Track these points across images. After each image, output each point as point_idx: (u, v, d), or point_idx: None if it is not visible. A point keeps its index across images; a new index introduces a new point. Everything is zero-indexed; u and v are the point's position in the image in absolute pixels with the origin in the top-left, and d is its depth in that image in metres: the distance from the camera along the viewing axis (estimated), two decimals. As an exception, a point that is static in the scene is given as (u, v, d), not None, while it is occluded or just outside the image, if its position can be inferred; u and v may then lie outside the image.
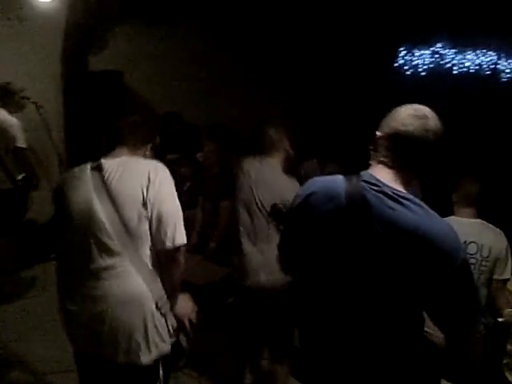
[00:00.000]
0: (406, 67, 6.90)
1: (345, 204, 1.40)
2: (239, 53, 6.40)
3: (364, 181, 1.41)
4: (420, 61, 6.89)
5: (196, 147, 4.19)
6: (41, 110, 4.23)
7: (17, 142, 3.83)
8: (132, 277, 1.80)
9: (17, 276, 4.14)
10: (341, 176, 1.47)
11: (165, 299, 1.87)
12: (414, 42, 6.78)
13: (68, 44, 5.13)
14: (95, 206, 1.77)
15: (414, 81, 6.85)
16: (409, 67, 6.89)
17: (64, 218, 1.86)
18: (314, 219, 1.48)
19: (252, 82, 6.56)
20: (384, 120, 1.47)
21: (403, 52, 6.85)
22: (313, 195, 1.50)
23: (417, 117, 1.39)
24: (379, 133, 1.47)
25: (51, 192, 1.99)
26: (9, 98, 3.96)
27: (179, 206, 1.85)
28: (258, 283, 2.55)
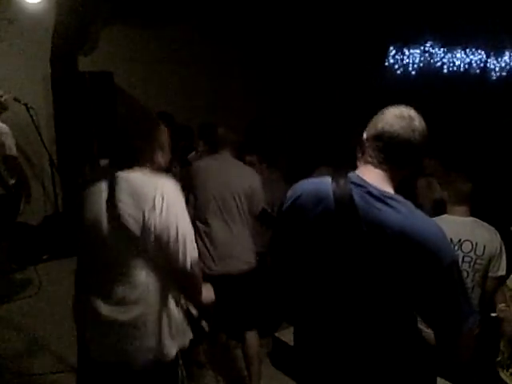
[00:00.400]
0: (397, 66, 6.93)
1: (333, 206, 1.42)
2: (233, 53, 6.40)
3: (351, 182, 1.43)
4: (410, 60, 6.93)
5: (188, 148, 4.20)
6: (31, 111, 4.21)
7: (8, 150, 3.82)
8: (145, 283, 1.79)
9: (10, 278, 4.13)
10: (328, 178, 1.49)
11: (180, 297, 1.90)
12: (404, 42, 6.81)
13: (58, 45, 5.10)
14: (104, 219, 1.79)
15: (405, 80, 6.89)
16: (399, 66, 6.93)
17: (81, 223, 1.88)
18: (303, 221, 1.49)
19: (245, 82, 6.57)
20: (370, 122, 1.49)
21: (393, 51, 6.88)
22: (301, 197, 1.51)
23: (403, 118, 1.42)
24: (366, 134, 1.49)
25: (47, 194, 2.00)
26: None
27: (189, 225, 1.83)
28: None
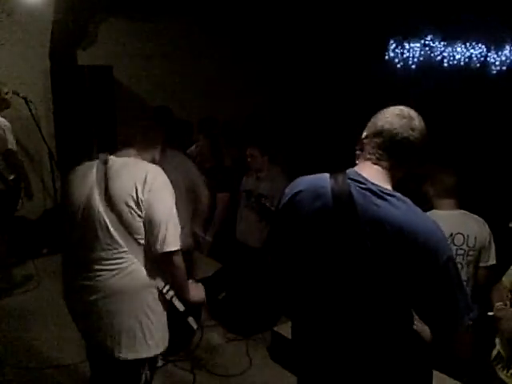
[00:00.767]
0: (397, 60, 6.91)
1: (331, 202, 1.42)
2: (232, 47, 6.38)
3: (350, 178, 1.44)
4: (410, 53, 6.91)
5: (187, 142, 4.19)
6: (30, 105, 4.20)
7: (8, 145, 3.82)
8: (131, 268, 1.83)
9: (9, 272, 4.14)
10: (327, 174, 1.50)
11: (168, 287, 1.91)
12: (405, 35, 6.79)
13: (57, 38, 5.07)
14: (95, 199, 1.82)
15: (405, 73, 6.87)
16: (399, 60, 6.91)
17: (68, 210, 1.90)
18: (302, 217, 1.50)
19: (244, 77, 6.55)
20: (370, 121, 1.51)
21: (393, 45, 6.86)
22: (300, 194, 1.51)
23: (403, 117, 1.44)
24: (365, 132, 1.51)
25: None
26: None
27: (174, 213, 1.85)
28: None
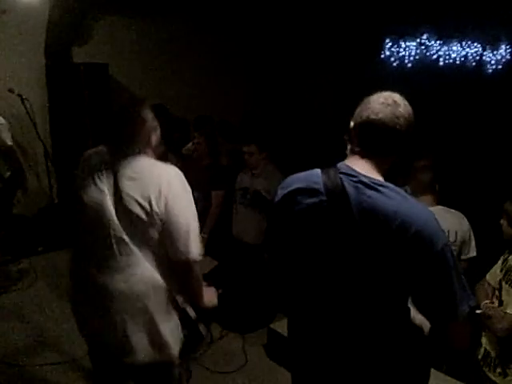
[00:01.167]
0: (393, 59, 6.91)
1: (325, 197, 1.42)
2: (229, 45, 6.39)
3: (341, 172, 1.44)
4: (406, 52, 6.91)
5: (183, 140, 4.20)
6: (26, 103, 4.20)
7: (5, 142, 3.82)
8: (143, 273, 1.79)
9: (5, 269, 4.14)
10: (318, 170, 1.50)
11: (181, 295, 1.88)
12: (400, 34, 6.80)
13: (53, 36, 5.06)
14: (108, 205, 1.77)
15: (401, 72, 6.88)
16: (395, 59, 6.91)
17: (79, 210, 1.85)
18: (296, 214, 1.50)
19: (240, 75, 6.56)
20: (356, 110, 1.49)
21: (389, 44, 6.87)
22: (293, 191, 1.52)
23: (387, 104, 1.41)
24: (352, 123, 1.49)
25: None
26: None
27: (195, 218, 1.83)
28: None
